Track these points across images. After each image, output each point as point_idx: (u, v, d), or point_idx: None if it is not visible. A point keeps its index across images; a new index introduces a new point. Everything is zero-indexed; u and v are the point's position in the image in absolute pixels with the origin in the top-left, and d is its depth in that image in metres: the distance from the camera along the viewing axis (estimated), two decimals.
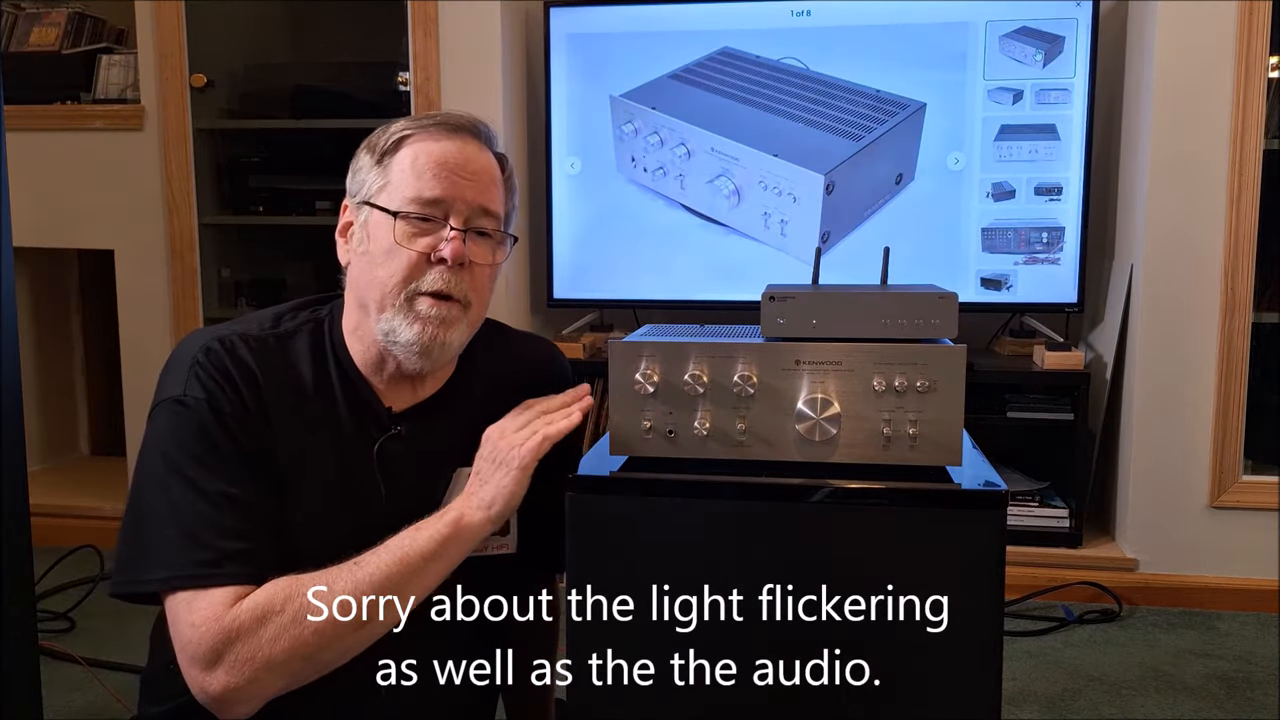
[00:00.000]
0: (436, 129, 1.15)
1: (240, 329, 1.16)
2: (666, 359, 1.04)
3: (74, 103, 3.19)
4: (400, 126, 1.16)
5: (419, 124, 1.15)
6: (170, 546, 1.05)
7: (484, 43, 2.92)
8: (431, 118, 1.16)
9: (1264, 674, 2.30)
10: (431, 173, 1.12)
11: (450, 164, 1.13)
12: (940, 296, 1.03)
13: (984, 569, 1.01)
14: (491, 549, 1.18)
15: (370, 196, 1.15)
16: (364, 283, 1.15)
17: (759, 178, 2.86)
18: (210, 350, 1.12)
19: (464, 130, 1.16)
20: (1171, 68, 2.60)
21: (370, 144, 1.17)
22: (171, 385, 1.11)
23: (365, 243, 1.15)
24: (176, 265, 3.15)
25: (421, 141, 1.14)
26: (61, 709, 2.10)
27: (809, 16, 2.91)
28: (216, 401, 1.08)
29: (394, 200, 1.13)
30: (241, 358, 1.12)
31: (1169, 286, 2.66)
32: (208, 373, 1.10)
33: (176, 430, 1.08)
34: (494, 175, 1.17)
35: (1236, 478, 2.67)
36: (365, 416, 1.16)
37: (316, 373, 1.16)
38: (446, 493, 1.17)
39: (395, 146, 1.15)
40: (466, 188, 1.13)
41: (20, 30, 3.31)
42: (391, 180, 1.14)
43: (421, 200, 1.12)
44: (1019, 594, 2.65)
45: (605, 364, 1.04)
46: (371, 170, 1.15)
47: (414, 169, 1.13)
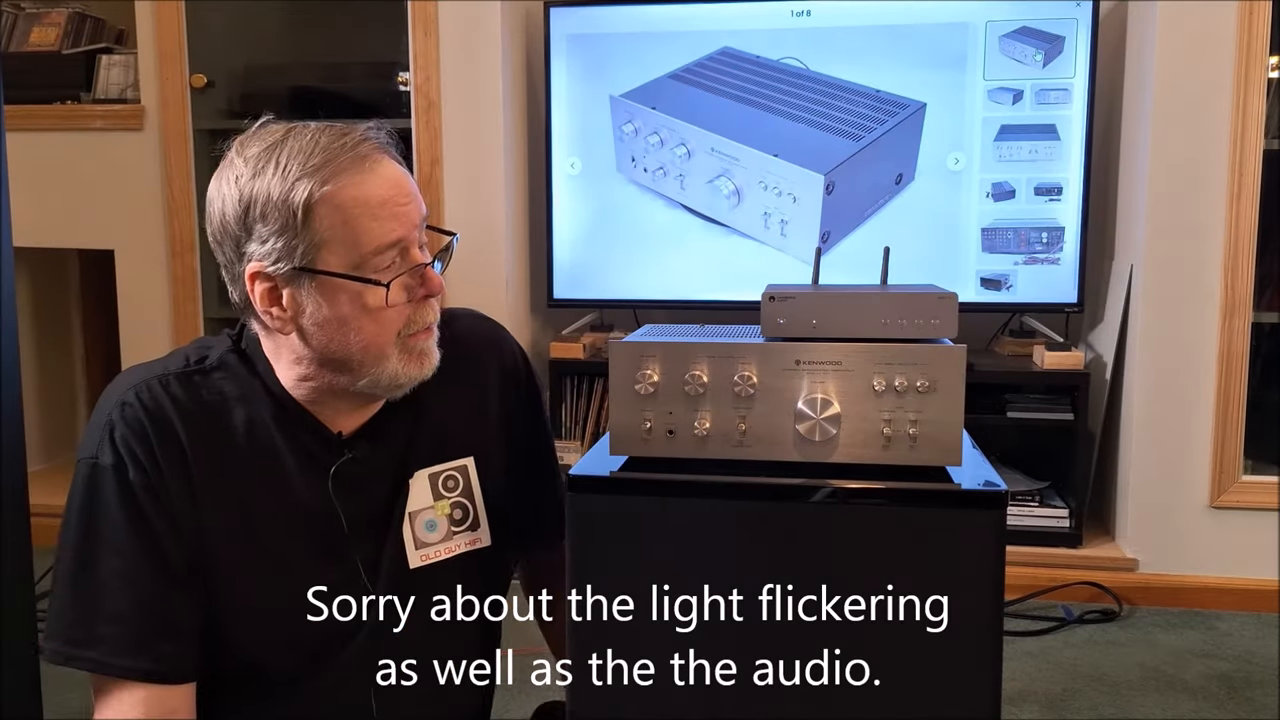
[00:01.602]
0: (355, 168, 1.01)
1: (164, 369, 1.09)
2: (666, 359, 1.04)
3: (74, 103, 3.19)
4: (310, 179, 1.00)
5: (327, 169, 1.00)
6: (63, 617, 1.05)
7: (484, 43, 2.92)
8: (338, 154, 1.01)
9: (1264, 674, 2.30)
10: (387, 213, 1.02)
11: (390, 199, 1.02)
12: (940, 296, 1.03)
13: (984, 569, 1.00)
14: (465, 545, 1.16)
15: (309, 262, 1.01)
16: (333, 348, 1.05)
17: (759, 178, 2.86)
18: (126, 406, 1.05)
19: (376, 154, 1.04)
20: (1171, 68, 2.60)
21: (275, 201, 1.01)
22: (89, 441, 1.07)
23: (319, 311, 1.03)
24: (176, 265, 3.15)
25: (347, 190, 1.01)
26: (61, 709, 2.09)
27: (809, 16, 2.91)
28: (126, 473, 1.03)
29: (351, 258, 1.01)
30: (160, 411, 1.05)
31: (1169, 286, 2.66)
32: (121, 433, 1.04)
33: (85, 494, 1.05)
34: (412, 181, 1.07)
35: (1236, 477, 2.67)
36: (312, 448, 1.10)
37: (249, 410, 1.09)
38: (406, 501, 1.14)
39: (319, 201, 1.00)
40: (410, 211, 1.04)
41: (20, 30, 3.31)
42: (329, 239, 1.00)
43: (389, 247, 1.02)
44: (1019, 594, 2.65)
45: (605, 364, 1.04)
46: (285, 234, 1.00)
47: (361, 219, 1.01)
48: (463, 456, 1.17)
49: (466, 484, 1.17)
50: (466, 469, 1.18)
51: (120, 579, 1.04)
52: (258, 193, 1.01)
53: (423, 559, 1.14)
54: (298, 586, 1.07)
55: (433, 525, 1.15)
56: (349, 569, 1.10)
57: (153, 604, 1.04)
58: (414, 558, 1.14)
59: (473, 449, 1.18)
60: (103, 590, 1.04)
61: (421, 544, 1.14)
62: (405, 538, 1.13)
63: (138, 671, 1.04)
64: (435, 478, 1.16)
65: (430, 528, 1.15)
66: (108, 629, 1.04)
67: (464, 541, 1.16)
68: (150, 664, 1.04)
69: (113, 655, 1.04)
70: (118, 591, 1.04)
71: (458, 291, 2.94)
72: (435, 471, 1.16)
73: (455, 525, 1.16)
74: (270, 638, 1.09)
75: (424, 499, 1.15)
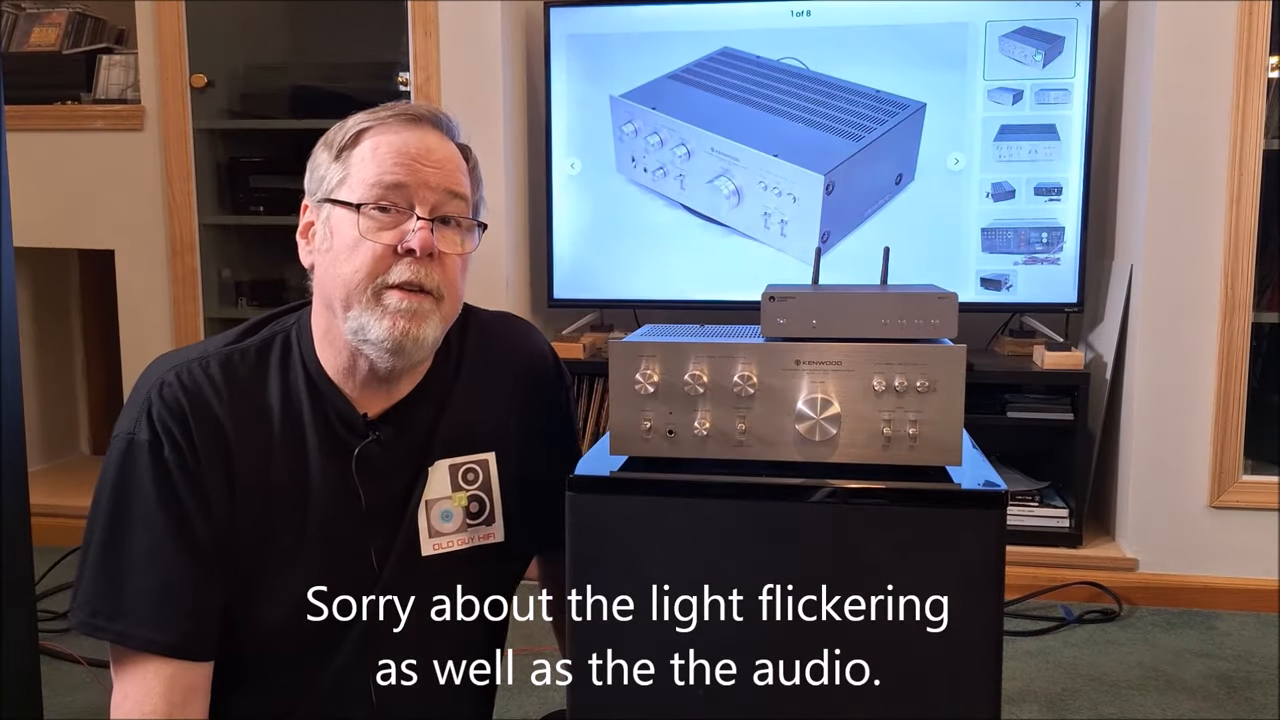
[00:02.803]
0: (395, 120, 1.10)
1: (203, 351, 1.12)
2: (666, 359, 1.04)
3: (74, 103, 3.19)
4: (358, 119, 1.11)
5: (377, 116, 1.11)
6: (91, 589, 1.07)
7: (484, 43, 2.92)
8: (390, 108, 1.12)
9: (1264, 674, 2.30)
10: (392, 159, 1.08)
11: (411, 152, 1.09)
12: (940, 296, 1.03)
13: (984, 569, 1.01)
14: (479, 539, 1.18)
15: (330, 193, 1.10)
16: (329, 282, 1.10)
17: (759, 178, 2.86)
18: (165, 385, 1.08)
19: (424, 120, 1.11)
20: (1171, 68, 2.60)
21: (327, 140, 1.13)
22: (127, 418, 1.09)
23: (328, 240, 1.10)
24: (176, 265, 3.15)
25: (380, 133, 1.09)
26: (61, 709, 2.10)
27: (809, 16, 2.91)
28: (163, 450, 1.06)
29: (355, 193, 1.08)
30: (198, 392, 1.09)
31: (1169, 286, 2.66)
32: (160, 412, 1.07)
33: (121, 469, 1.07)
34: (458, 162, 1.13)
35: (1236, 477, 2.67)
36: (339, 427, 1.12)
37: (284, 389, 1.12)
38: (425, 488, 1.15)
39: (354, 140, 1.10)
40: (430, 174, 1.09)
41: (20, 30, 3.31)
42: (351, 173, 1.09)
43: (383, 185, 1.07)
44: (1019, 594, 2.65)
45: (605, 364, 1.04)
46: (330, 166, 1.11)
47: (374, 158, 1.08)
48: (485, 451, 1.19)
49: (486, 478, 1.19)
50: (488, 464, 1.19)
51: (149, 554, 1.06)
52: (329, 137, 1.13)
53: (435, 548, 1.16)
54: (309, 566, 1.09)
55: (448, 515, 1.17)
56: (361, 550, 1.12)
57: (179, 580, 1.06)
58: (426, 545, 1.15)
59: (496, 445, 1.19)
60: (131, 564, 1.06)
61: (435, 533, 1.16)
62: (420, 525, 1.15)
63: (160, 645, 1.06)
64: (456, 469, 1.17)
65: (446, 518, 1.17)
66: (133, 602, 1.06)
67: (478, 535, 1.18)
68: (173, 638, 1.06)
69: (136, 628, 1.06)
70: (145, 566, 1.06)
71: None
72: (456, 463, 1.17)
73: (471, 518, 1.18)
74: (280, 617, 1.10)
75: (442, 488, 1.17)
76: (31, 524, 1.60)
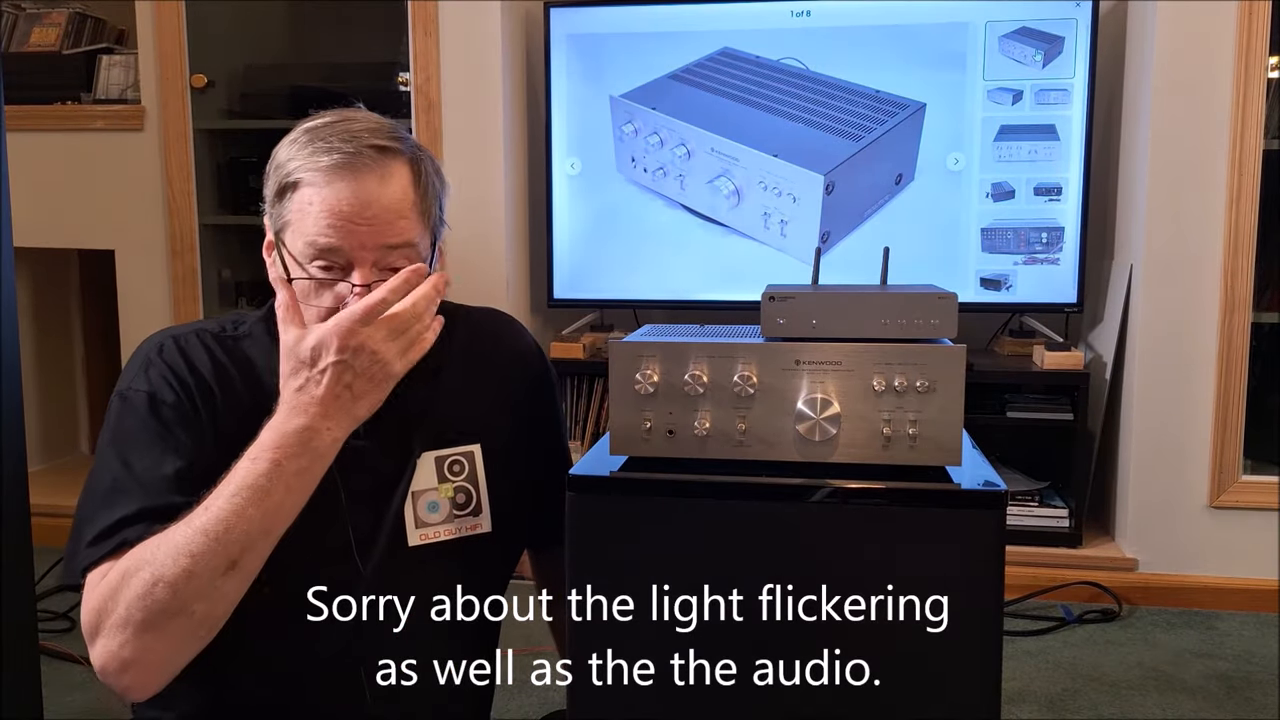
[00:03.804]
0: (328, 171, 1.06)
1: (199, 326, 1.17)
2: (666, 359, 1.04)
3: (74, 103, 3.19)
4: (295, 163, 1.08)
5: (311, 163, 1.07)
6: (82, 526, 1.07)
7: (484, 43, 2.92)
8: (327, 146, 1.07)
9: (1264, 674, 2.30)
10: (326, 220, 1.05)
11: (344, 211, 1.05)
12: (940, 296, 1.03)
13: (984, 569, 1.01)
14: (465, 530, 1.18)
15: (278, 229, 1.10)
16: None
17: (759, 178, 2.86)
18: (163, 347, 1.13)
19: (362, 168, 1.06)
20: (1171, 68, 2.60)
21: (276, 164, 1.11)
22: (124, 378, 1.13)
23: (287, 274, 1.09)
24: (176, 265, 3.15)
25: (313, 187, 1.07)
26: (61, 709, 2.10)
27: (809, 17, 2.91)
28: (158, 395, 1.10)
29: (295, 244, 1.07)
30: (193, 356, 1.12)
31: (1169, 286, 2.66)
32: (157, 369, 1.11)
33: (116, 421, 1.11)
34: (399, 206, 1.08)
35: (1236, 478, 2.67)
36: None
37: (271, 375, 1.11)
38: (412, 479, 1.16)
39: (293, 185, 1.08)
40: (365, 234, 1.06)
41: (20, 30, 3.31)
42: (290, 220, 1.08)
43: (317, 248, 1.06)
44: (1019, 594, 2.65)
45: (605, 364, 1.04)
46: (274, 202, 1.10)
47: (309, 216, 1.06)
48: (469, 443, 1.19)
49: (472, 470, 1.19)
50: (473, 455, 1.19)
51: (139, 482, 1.07)
52: (276, 155, 1.12)
53: (422, 538, 1.16)
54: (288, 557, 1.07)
55: (435, 506, 1.18)
56: (341, 541, 1.12)
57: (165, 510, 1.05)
58: (413, 536, 1.16)
59: (480, 437, 1.20)
60: (121, 495, 1.07)
61: (422, 523, 1.17)
62: (406, 516, 1.16)
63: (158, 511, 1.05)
64: (441, 460, 1.18)
65: (432, 509, 1.18)
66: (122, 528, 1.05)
67: (465, 526, 1.18)
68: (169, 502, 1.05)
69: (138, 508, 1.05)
70: (134, 495, 1.06)
71: (459, 291, 2.93)
72: (441, 455, 1.18)
73: (458, 509, 1.18)
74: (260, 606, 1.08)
75: (429, 480, 1.18)
76: (31, 524, 1.60)
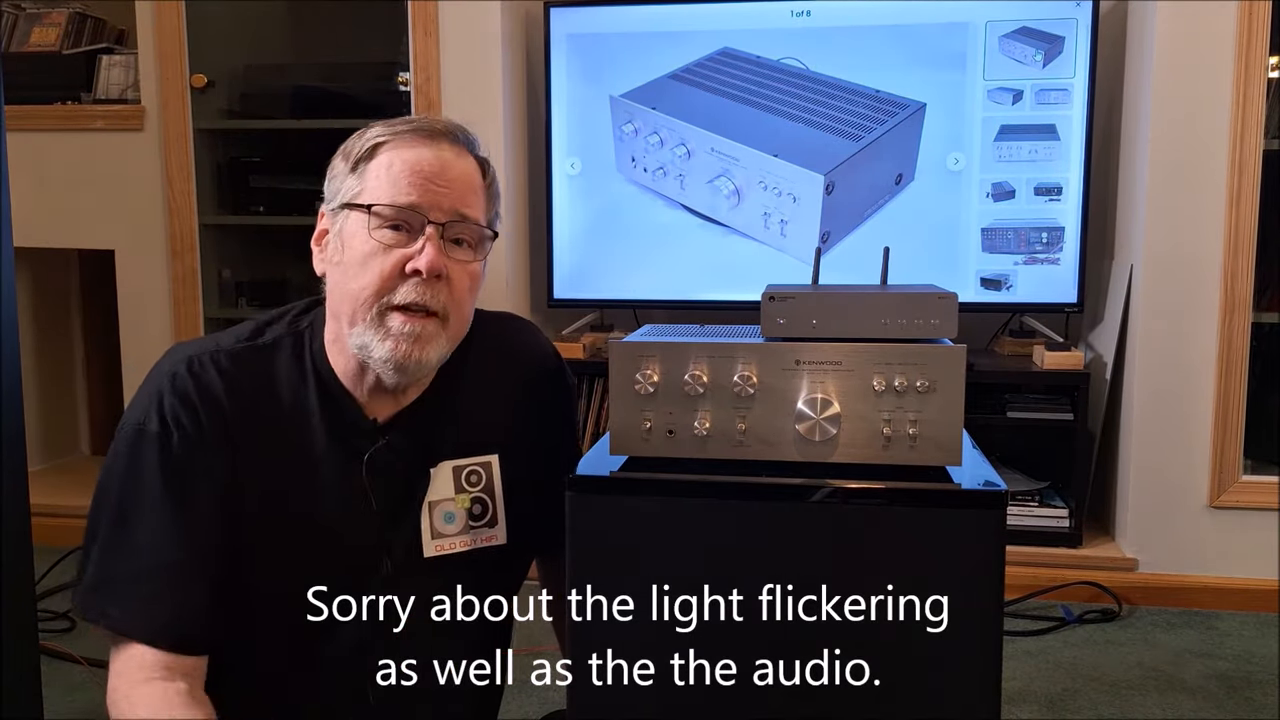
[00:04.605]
0: (412, 135, 1.10)
1: (216, 345, 1.13)
2: (666, 359, 1.04)
3: (74, 103, 3.19)
4: (375, 132, 1.11)
5: (394, 130, 1.11)
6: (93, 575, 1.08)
7: (484, 43, 2.92)
8: (408, 123, 1.12)
9: (1264, 674, 2.30)
10: (406, 179, 1.08)
11: (425, 171, 1.08)
12: (940, 296, 1.03)
13: (984, 569, 1.01)
14: (480, 541, 1.18)
15: (345, 200, 1.11)
16: (338, 294, 1.11)
17: (759, 178, 2.86)
18: (177, 377, 1.10)
19: (440, 136, 1.11)
20: (1171, 68, 2.60)
21: (345, 150, 1.13)
22: (137, 407, 1.10)
23: (340, 252, 1.11)
24: (176, 265, 3.15)
25: (396, 148, 1.09)
26: (61, 709, 2.10)
27: (809, 16, 2.91)
28: (169, 439, 1.07)
29: (377, 198, 1.09)
30: (209, 385, 1.10)
31: (1169, 286, 2.66)
32: (171, 403, 1.08)
33: (128, 459, 1.09)
34: (473, 181, 1.12)
35: (1236, 477, 2.67)
36: (349, 432, 1.13)
37: (294, 390, 1.13)
38: (428, 489, 1.16)
39: (370, 153, 1.10)
40: (443, 195, 1.08)
41: (20, 30, 3.31)
42: (367, 186, 1.09)
43: (396, 205, 1.07)
44: (1019, 594, 2.65)
45: (605, 364, 1.04)
46: (347, 177, 1.11)
47: (389, 175, 1.08)
48: (488, 453, 1.19)
49: (489, 480, 1.19)
50: (490, 465, 1.19)
51: (151, 544, 1.07)
52: (342, 147, 1.14)
53: (437, 549, 1.16)
54: (312, 564, 1.10)
55: (451, 517, 1.17)
56: (371, 551, 1.12)
57: (179, 572, 1.07)
58: (429, 547, 1.16)
59: (499, 447, 1.20)
60: (133, 553, 1.07)
61: (438, 534, 1.16)
62: (423, 526, 1.16)
63: (155, 634, 1.06)
64: (459, 471, 1.18)
65: (448, 519, 1.17)
66: (134, 590, 1.07)
67: (480, 537, 1.18)
68: (170, 631, 1.06)
69: (135, 616, 1.07)
70: (148, 555, 1.07)
71: None
72: (459, 465, 1.18)
73: (473, 520, 1.18)
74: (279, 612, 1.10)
75: (446, 490, 1.17)
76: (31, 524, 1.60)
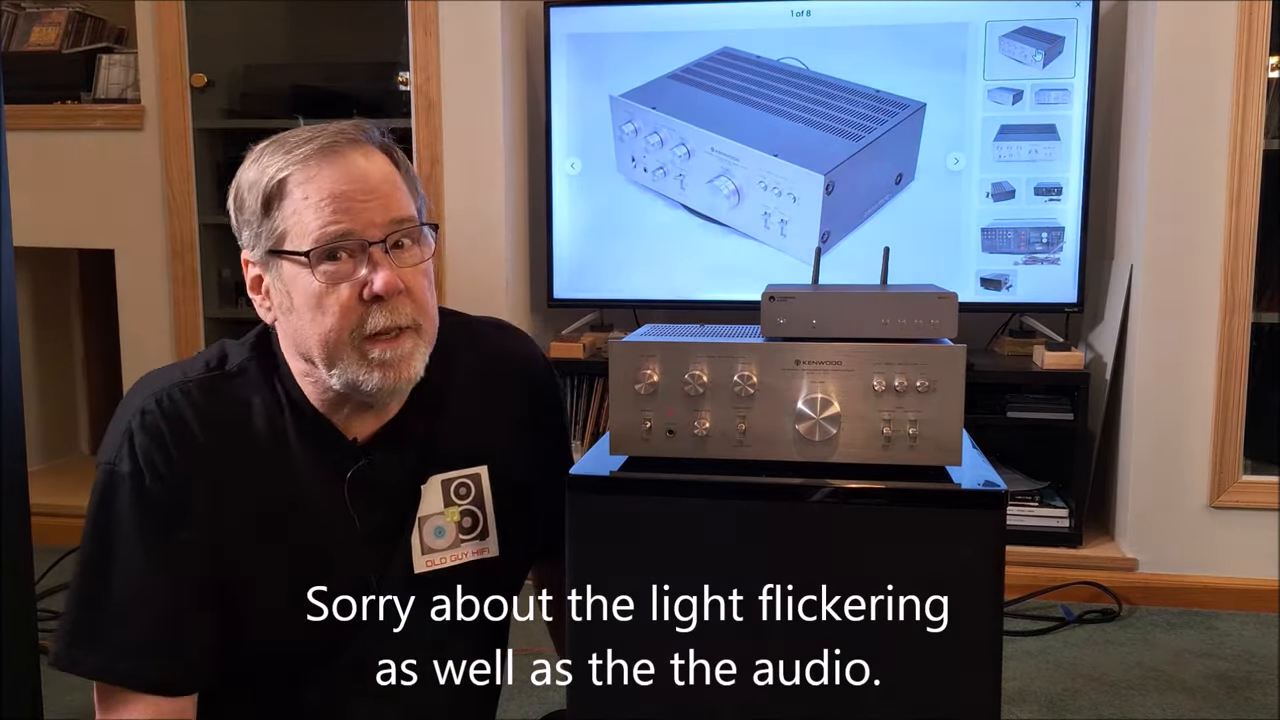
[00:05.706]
0: (316, 158, 1.03)
1: (184, 374, 1.09)
2: (666, 359, 1.04)
3: (74, 103, 3.19)
4: (275, 164, 1.04)
5: (294, 157, 1.04)
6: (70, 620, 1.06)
7: (484, 43, 2.92)
8: (305, 142, 1.05)
9: (1264, 674, 2.30)
10: (330, 207, 1.02)
11: (344, 192, 1.02)
12: (940, 296, 1.03)
13: (984, 569, 1.01)
14: (472, 554, 1.15)
15: (273, 247, 1.04)
16: (301, 339, 1.05)
17: (759, 178, 2.86)
18: (146, 413, 1.05)
19: (342, 147, 1.04)
20: (1171, 68, 2.60)
21: (249, 185, 1.06)
22: (109, 446, 1.07)
23: (287, 299, 1.05)
24: (176, 265, 3.15)
25: (307, 179, 1.03)
26: (61, 709, 2.10)
27: (809, 16, 2.91)
28: (142, 481, 1.04)
29: (301, 245, 1.02)
30: (181, 419, 1.05)
31: (1169, 286, 2.66)
32: (142, 441, 1.04)
33: (101, 504, 1.06)
34: (391, 179, 1.06)
35: (1236, 478, 2.67)
36: (329, 453, 1.10)
37: (269, 416, 1.09)
38: (420, 504, 1.13)
39: (279, 189, 1.03)
40: (370, 208, 1.03)
41: (20, 30, 3.31)
42: (289, 227, 1.03)
43: (328, 237, 1.01)
44: (1019, 594, 2.65)
45: (605, 364, 1.04)
46: (262, 221, 1.04)
47: (308, 208, 1.02)
48: (476, 465, 1.16)
49: (478, 492, 1.16)
50: (479, 477, 1.16)
51: (129, 588, 1.04)
52: (243, 181, 1.07)
53: (428, 564, 1.13)
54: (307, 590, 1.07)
55: (441, 531, 1.14)
56: (359, 572, 1.10)
57: (160, 614, 1.04)
58: (419, 563, 1.13)
59: (487, 458, 1.17)
60: (110, 597, 1.04)
61: (428, 549, 1.14)
62: (413, 542, 1.13)
63: (139, 680, 1.05)
64: (448, 484, 1.15)
65: (439, 534, 1.14)
66: (113, 634, 1.04)
67: (471, 550, 1.15)
68: (153, 673, 1.05)
69: (115, 660, 1.04)
70: (124, 599, 1.04)
71: (458, 291, 2.95)
72: (448, 478, 1.15)
73: (464, 533, 1.15)
74: (277, 640, 1.09)
75: (435, 504, 1.14)
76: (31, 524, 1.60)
